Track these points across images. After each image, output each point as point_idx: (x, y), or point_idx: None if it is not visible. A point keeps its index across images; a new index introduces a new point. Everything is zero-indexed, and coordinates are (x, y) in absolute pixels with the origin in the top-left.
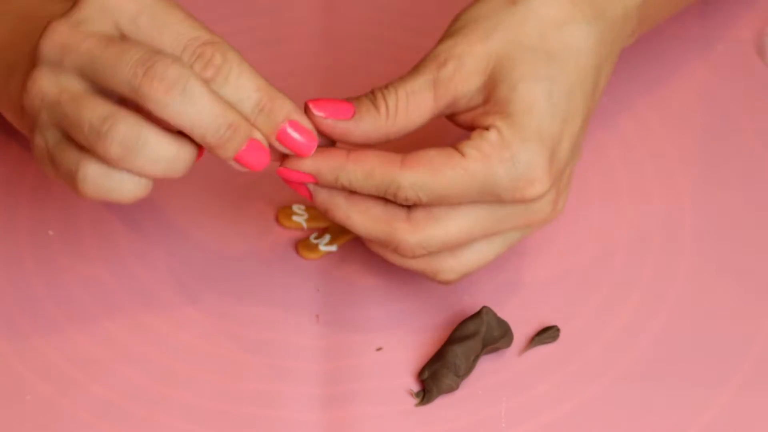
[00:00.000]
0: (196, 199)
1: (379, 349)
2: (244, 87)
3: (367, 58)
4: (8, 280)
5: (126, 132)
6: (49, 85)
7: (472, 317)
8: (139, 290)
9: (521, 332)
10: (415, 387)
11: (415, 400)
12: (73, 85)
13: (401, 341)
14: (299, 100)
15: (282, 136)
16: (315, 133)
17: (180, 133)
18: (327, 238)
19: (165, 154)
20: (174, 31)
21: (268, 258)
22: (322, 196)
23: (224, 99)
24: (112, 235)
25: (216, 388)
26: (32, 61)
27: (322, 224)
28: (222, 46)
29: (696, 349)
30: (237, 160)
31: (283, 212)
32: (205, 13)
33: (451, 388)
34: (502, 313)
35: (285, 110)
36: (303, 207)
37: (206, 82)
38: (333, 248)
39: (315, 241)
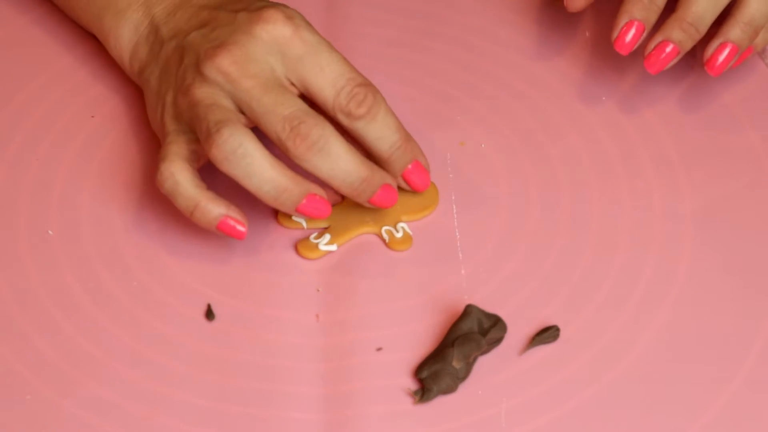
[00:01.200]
0: None
1: (379, 349)
2: (388, 126)
3: (368, 58)
4: (8, 280)
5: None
6: (208, 93)
7: (461, 317)
8: (139, 290)
9: (521, 332)
10: (415, 387)
11: (414, 400)
12: (229, 103)
13: (401, 341)
14: None
15: (407, 175)
16: (429, 174)
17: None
18: (327, 238)
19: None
20: (334, 71)
21: (268, 258)
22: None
23: (367, 138)
24: (112, 235)
25: (216, 388)
26: (191, 68)
27: (322, 224)
28: (373, 89)
29: (696, 349)
30: (371, 202)
31: (283, 212)
32: None
33: (451, 389)
34: (502, 313)
35: (415, 151)
36: None
37: (352, 120)
38: (333, 248)
39: (315, 241)
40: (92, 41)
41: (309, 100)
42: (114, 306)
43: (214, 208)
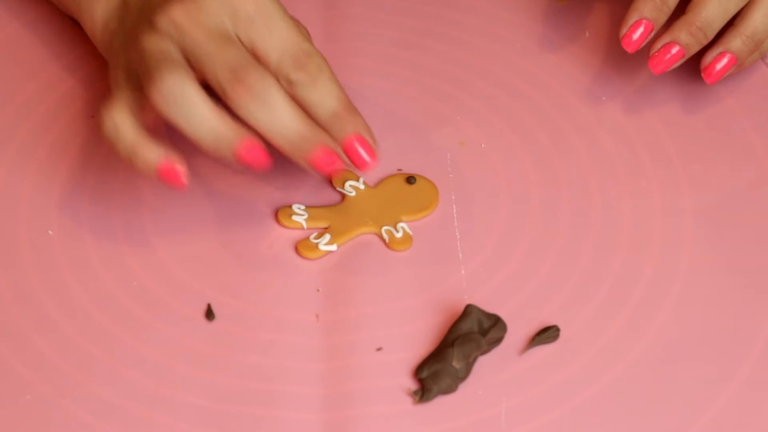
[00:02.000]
0: (196, 199)
1: (379, 349)
2: (329, 93)
3: (368, 58)
4: (8, 280)
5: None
6: (157, 42)
7: (461, 317)
8: (139, 290)
9: (521, 332)
10: (415, 387)
11: (414, 400)
12: (176, 53)
13: (401, 341)
14: None
15: (348, 147)
16: (377, 153)
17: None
18: (327, 238)
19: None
20: (282, 36)
21: (268, 258)
22: None
23: (306, 102)
24: (112, 235)
25: (216, 388)
26: (145, 20)
27: (322, 224)
28: (318, 57)
29: (696, 349)
30: (312, 165)
31: (283, 212)
32: None
33: (451, 389)
34: (502, 313)
35: (355, 124)
36: (303, 207)
37: (292, 85)
38: (333, 248)
39: (315, 241)
40: (92, 41)
41: None
42: (114, 306)
43: (153, 150)
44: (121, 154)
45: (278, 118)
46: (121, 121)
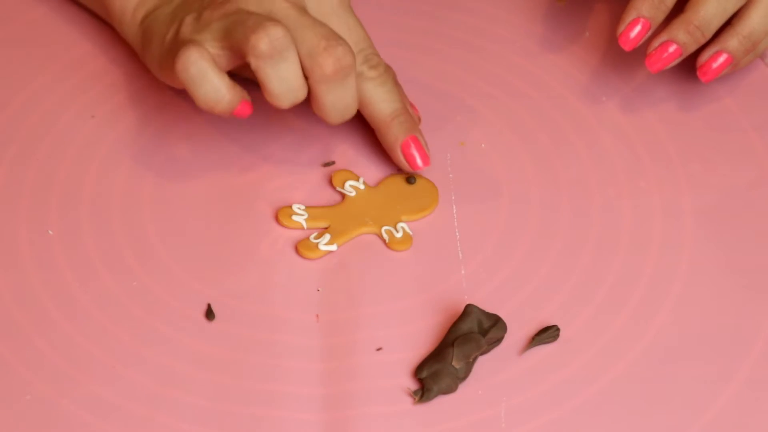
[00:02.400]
0: (196, 199)
1: (379, 349)
2: (395, 94)
3: None
4: (8, 280)
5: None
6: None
7: (461, 317)
8: (139, 290)
9: (521, 332)
10: (415, 387)
11: (414, 400)
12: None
13: (401, 341)
14: None
15: (405, 146)
16: (429, 156)
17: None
18: (327, 238)
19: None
20: (359, 35)
21: (268, 258)
22: None
23: (372, 96)
24: (112, 235)
25: (216, 388)
26: None
27: (322, 224)
28: (384, 63)
29: (696, 349)
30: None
31: (283, 212)
32: None
33: (451, 389)
34: (502, 313)
35: (414, 127)
36: (303, 207)
37: (362, 79)
38: (333, 248)
39: (315, 241)
40: (93, 42)
41: None
42: (114, 306)
43: (237, 91)
44: (206, 95)
45: (348, 102)
46: (208, 64)
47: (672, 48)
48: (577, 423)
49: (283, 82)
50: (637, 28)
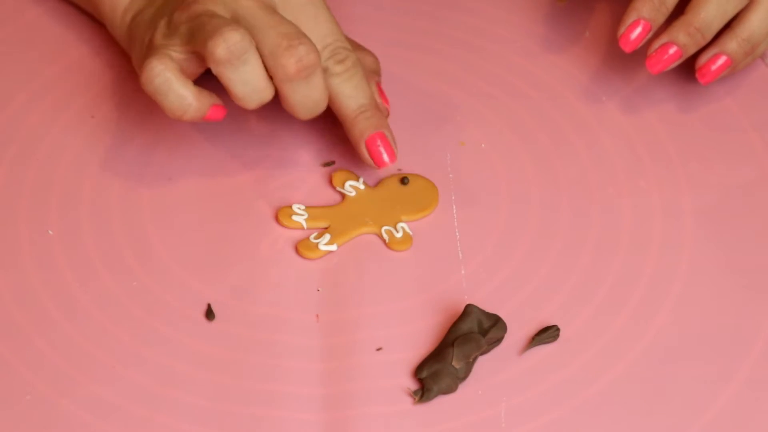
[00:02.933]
0: (197, 198)
1: (379, 349)
2: (361, 89)
3: None
4: (8, 280)
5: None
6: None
7: (461, 317)
8: (139, 290)
9: (521, 332)
10: (415, 387)
11: (414, 400)
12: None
13: (401, 341)
14: None
15: (370, 143)
16: (396, 153)
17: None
18: (327, 238)
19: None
20: (327, 28)
21: (268, 258)
22: None
23: (339, 92)
24: (112, 235)
25: (216, 388)
26: None
27: (322, 224)
28: (354, 57)
29: (696, 349)
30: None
31: (283, 212)
32: None
33: (451, 389)
34: (502, 313)
35: (381, 122)
36: (303, 207)
37: (328, 74)
38: (333, 248)
39: (315, 241)
40: (92, 41)
41: None
42: (114, 306)
43: (205, 98)
44: (173, 105)
45: (314, 98)
46: (172, 75)
47: (672, 50)
48: (577, 423)
49: (246, 85)
50: (638, 30)
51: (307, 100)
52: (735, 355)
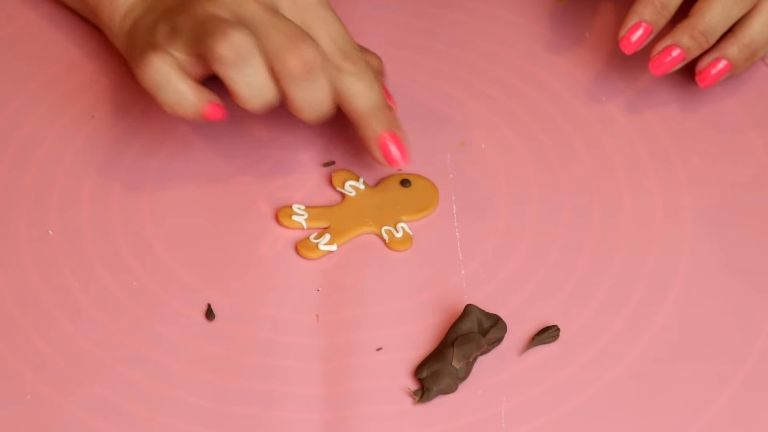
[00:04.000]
0: (196, 198)
1: (379, 349)
2: (371, 88)
3: None
4: (8, 280)
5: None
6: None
7: (461, 317)
8: (139, 290)
9: (521, 332)
10: (415, 387)
11: (414, 400)
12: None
13: (401, 341)
14: None
15: (382, 142)
16: (409, 153)
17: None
18: (327, 238)
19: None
20: (337, 29)
21: (268, 258)
22: None
23: (349, 91)
24: (112, 235)
25: (216, 388)
26: None
27: (322, 224)
28: (362, 56)
29: (696, 349)
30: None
31: (283, 212)
32: None
33: (451, 389)
34: (502, 313)
35: (392, 122)
36: (303, 207)
37: (339, 72)
38: (333, 248)
39: (315, 241)
40: (92, 41)
41: None
42: (114, 306)
43: (203, 94)
44: (169, 98)
45: (318, 99)
46: (170, 69)
47: (675, 52)
48: (577, 423)
49: (250, 87)
50: (639, 33)
51: (312, 100)
52: (735, 355)
